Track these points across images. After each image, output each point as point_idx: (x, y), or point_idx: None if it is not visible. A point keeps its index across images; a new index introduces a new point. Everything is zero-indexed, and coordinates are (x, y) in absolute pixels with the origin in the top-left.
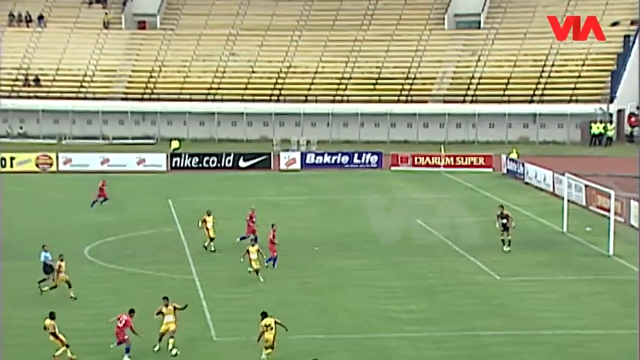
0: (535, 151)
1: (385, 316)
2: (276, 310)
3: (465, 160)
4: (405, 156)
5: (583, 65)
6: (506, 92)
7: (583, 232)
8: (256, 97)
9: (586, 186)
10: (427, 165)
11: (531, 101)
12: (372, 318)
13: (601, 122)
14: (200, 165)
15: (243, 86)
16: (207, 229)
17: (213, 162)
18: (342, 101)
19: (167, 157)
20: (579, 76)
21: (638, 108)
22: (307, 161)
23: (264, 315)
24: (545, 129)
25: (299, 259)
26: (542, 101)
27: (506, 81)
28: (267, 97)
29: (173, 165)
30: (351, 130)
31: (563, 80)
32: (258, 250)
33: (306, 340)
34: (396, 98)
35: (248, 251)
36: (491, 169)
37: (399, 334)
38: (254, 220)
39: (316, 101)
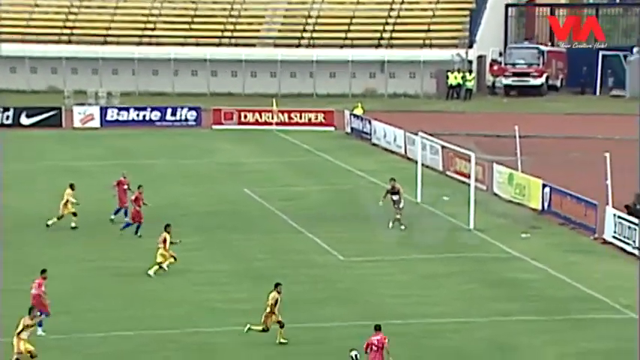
0: (384, 106)
1: (208, 306)
2: (76, 301)
3: (301, 117)
4: (230, 112)
5: (437, 3)
6: (349, 35)
7: (440, 202)
8: (41, 38)
9: (443, 147)
10: (256, 123)
11: (378, 46)
12: (192, 309)
13: (459, 71)
14: None
15: (24, 23)
16: (67, 202)
17: None
18: (150, 44)
19: None
20: (433, 16)
21: (501, 54)
22: (108, 118)
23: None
24: (395, 79)
25: (103, 238)
26: (390, 46)
27: (348, 21)
28: (56, 38)
29: None
30: (163, 80)
31: (415, 21)
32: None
33: (112, 338)
34: (217, 41)
35: (165, 240)
36: (332, 128)
37: (225, 327)
38: (126, 188)
39: (117, 43)
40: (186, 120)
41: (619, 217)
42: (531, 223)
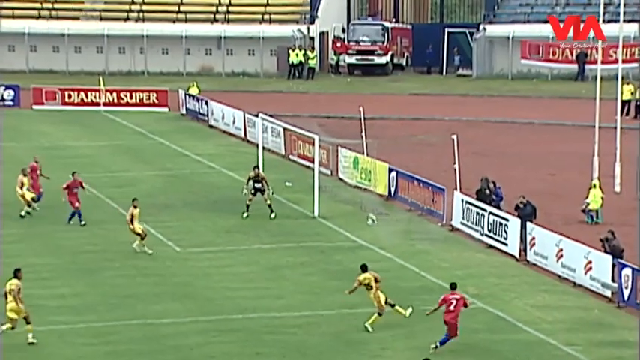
0: (221, 86)
1: (28, 303)
2: None
3: (132, 97)
4: (52, 90)
5: None
6: (182, 8)
7: (282, 188)
8: None
9: (285, 130)
10: (82, 103)
11: (214, 20)
12: None
13: (300, 48)
14: None
15: None
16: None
17: None
18: None
19: None
20: None
21: (344, 30)
22: None
23: (363, 268)
24: (233, 57)
25: None
26: (227, 20)
27: None
28: None
29: None
30: None
31: None
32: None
33: None
34: (36, 13)
35: (133, 216)
36: (166, 109)
37: (48, 326)
38: (39, 174)
39: None
40: (3, 100)
41: (467, 202)
42: (378, 209)
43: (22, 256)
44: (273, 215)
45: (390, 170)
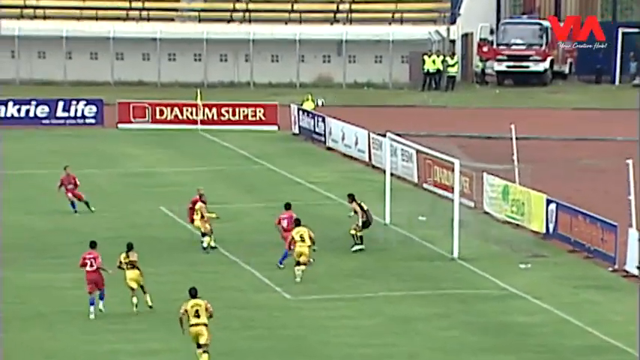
0: (342, 99)
1: (113, 359)
2: None
3: (234, 113)
4: (141, 106)
5: None
6: (296, 7)
7: (415, 222)
8: None
9: (418, 152)
10: (176, 121)
11: (334, 21)
12: None
13: (438, 54)
14: None
15: None
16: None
17: None
18: (34, 17)
19: None
20: None
21: (492, 32)
22: None
23: None
24: (357, 64)
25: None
26: (350, 21)
27: None
28: None
29: None
30: (51, 64)
31: None
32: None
33: None
34: (124, 14)
35: (293, 239)
36: (275, 127)
37: None
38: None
39: None
40: (84, 117)
41: None
42: (533, 250)
43: (108, 305)
44: (355, 248)
45: (549, 202)
